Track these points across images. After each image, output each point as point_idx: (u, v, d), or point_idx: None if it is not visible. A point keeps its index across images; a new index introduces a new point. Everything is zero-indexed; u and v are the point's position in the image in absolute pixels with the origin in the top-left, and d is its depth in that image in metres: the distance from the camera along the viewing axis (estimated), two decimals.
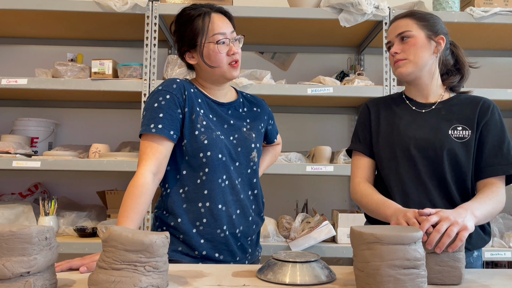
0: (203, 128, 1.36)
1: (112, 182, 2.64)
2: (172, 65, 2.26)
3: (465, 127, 1.35)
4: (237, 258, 1.42)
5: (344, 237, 2.14)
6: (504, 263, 2.48)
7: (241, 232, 1.41)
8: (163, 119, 1.32)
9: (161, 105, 1.34)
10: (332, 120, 2.77)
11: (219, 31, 1.37)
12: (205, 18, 1.38)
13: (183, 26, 1.41)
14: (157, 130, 1.31)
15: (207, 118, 1.40)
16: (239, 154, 1.42)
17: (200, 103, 1.41)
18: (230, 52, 1.39)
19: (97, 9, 2.19)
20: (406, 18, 1.42)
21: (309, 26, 2.42)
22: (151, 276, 0.90)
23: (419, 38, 1.39)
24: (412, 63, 1.38)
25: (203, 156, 1.35)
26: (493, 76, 2.77)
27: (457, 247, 1.02)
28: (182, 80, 1.42)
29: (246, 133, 1.46)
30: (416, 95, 1.46)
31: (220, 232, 1.37)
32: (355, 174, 1.45)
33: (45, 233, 0.89)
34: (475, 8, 2.23)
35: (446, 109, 1.40)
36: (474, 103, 1.39)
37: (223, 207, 1.37)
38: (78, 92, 2.34)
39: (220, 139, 1.38)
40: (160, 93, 1.36)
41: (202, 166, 1.36)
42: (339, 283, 1.02)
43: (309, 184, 2.71)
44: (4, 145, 2.19)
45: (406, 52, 1.39)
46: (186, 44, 1.41)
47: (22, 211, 2.23)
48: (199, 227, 1.36)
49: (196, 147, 1.35)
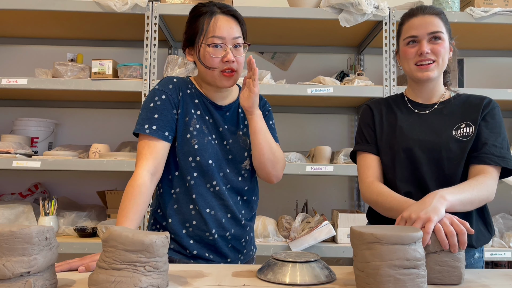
0: (195, 131, 1.35)
1: (112, 182, 2.64)
2: (172, 65, 2.26)
3: (468, 123, 1.34)
4: (228, 259, 1.41)
5: (344, 237, 2.14)
6: (504, 263, 2.48)
7: (232, 234, 1.39)
8: (158, 120, 1.32)
9: (156, 106, 1.33)
10: (332, 120, 2.77)
11: (217, 34, 1.32)
12: (208, 18, 1.33)
13: (189, 22, 1.40)
14: (151, 132, 1.31)
15: (202, 120, 1.38)
16: (229, 162, 1.39)
17: (197, 104, 1.39)
18: (224, 59, 1.32)
19: (97, 9, 2.19)
20: (437, 17, 1.36)
21: (309, 26, 2.42)
22: (151, 276, 0.90)
23: (446, 42, 1.36)
24: (439, 67, 1.35)
25: (192, 160, 1.34)
26: (493, 76, 2.77)
27: (426, 241, 1.00)
28: (179, 80, 1.40)
29: (242, 138, 1.42)
30: (418, 97, 1.43)
31: (209, 235, 1.36)
32: (366, 174, 1.39)
33: (45, 233, 0.89)
34: (475, 8, 2.23)
35: (447, 108, 1.38)
36: (477, 100, 1.38)
37: (211, 211, 1.36)
38: (78, 92, 2.34)
39: (212, 145, 1.36)
40: (156, 93, 1.36)
41: (191, 170, 1.35)
42: (339, 283, 1.02)
43: (309, 184, 2.71)
44: (4, 145, 2.19)
45: (436, 54, 1.34)
46: (187, 39, 1.40)
47: (22, 211, 2.23)
48: (189, 228, 1.36)
49: (187, 150, 1.34)
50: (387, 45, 2.24)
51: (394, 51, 1.45)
